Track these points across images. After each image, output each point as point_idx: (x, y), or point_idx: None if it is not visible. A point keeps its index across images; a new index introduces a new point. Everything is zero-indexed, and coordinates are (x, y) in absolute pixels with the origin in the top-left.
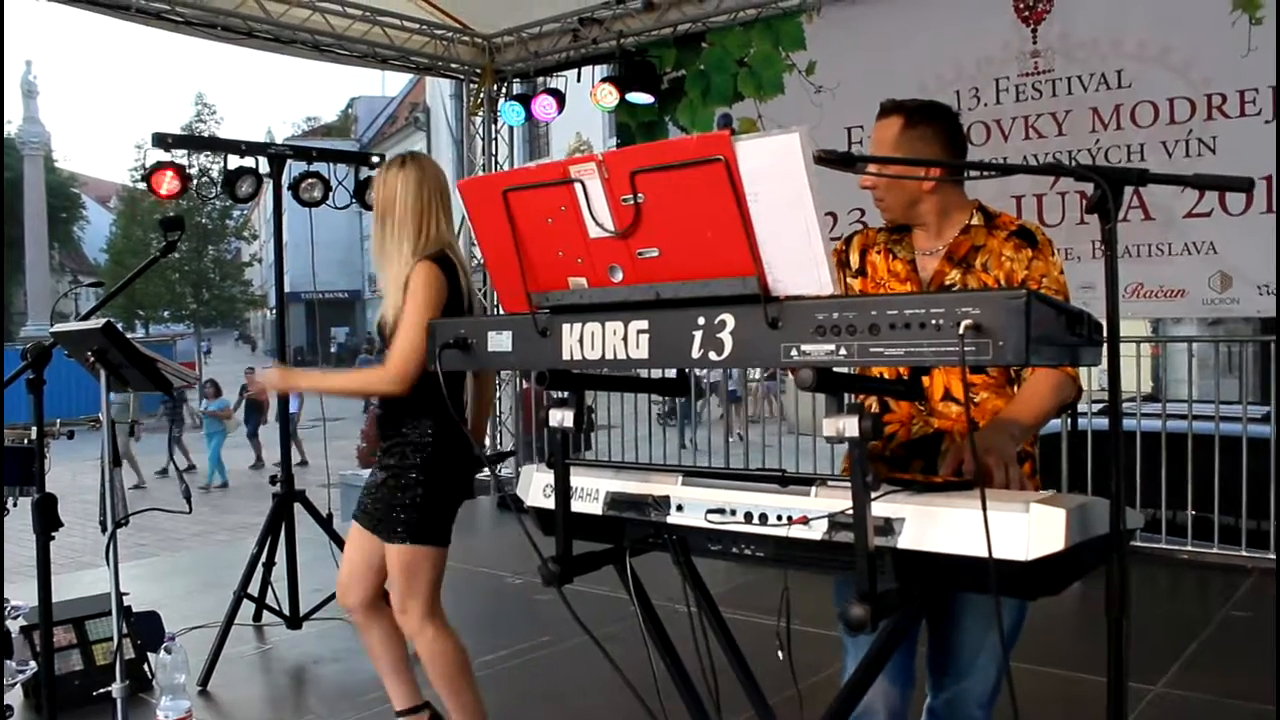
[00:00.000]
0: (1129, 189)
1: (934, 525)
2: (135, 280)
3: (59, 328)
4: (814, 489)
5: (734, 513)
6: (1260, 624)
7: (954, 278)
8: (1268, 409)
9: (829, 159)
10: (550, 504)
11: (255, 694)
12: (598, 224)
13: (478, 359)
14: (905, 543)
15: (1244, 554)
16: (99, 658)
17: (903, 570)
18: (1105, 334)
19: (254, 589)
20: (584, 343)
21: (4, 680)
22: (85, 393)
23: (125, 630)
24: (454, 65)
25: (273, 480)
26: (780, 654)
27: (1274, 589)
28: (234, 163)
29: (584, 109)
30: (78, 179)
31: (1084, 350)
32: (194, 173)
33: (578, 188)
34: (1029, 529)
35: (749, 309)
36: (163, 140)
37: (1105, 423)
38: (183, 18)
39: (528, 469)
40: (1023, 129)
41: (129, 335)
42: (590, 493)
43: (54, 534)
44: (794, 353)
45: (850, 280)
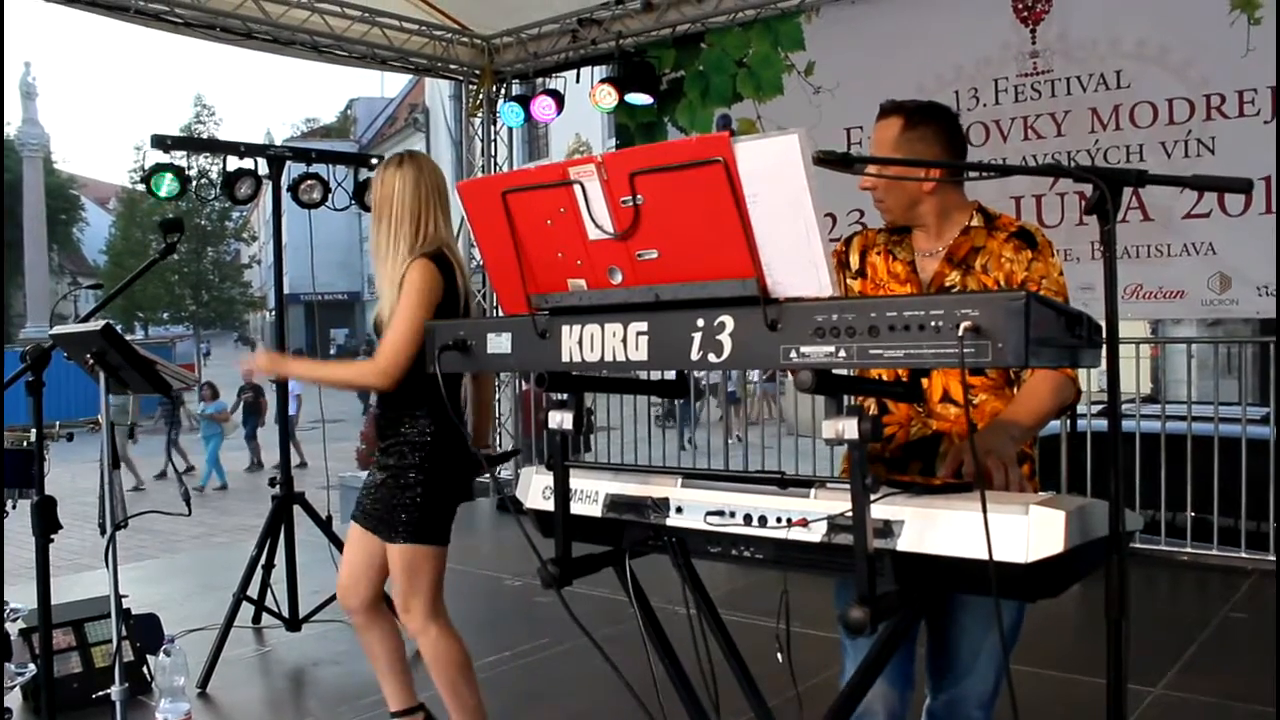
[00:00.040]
0: (1128, 190)
1: (933, 527)
2: (134, 282)
3: (58, 330)
4: (813, 491)
5: (733, 515)
6: (1260, 626)
7: (954, 279)
8: (1267, 410)
9: (828, 160)
10: (549, 506)
11: (254, 696)
12: (597, 226)
13: (477, 361)
14: (905, 545)
15: (1243, 555)
16: (98, 660)
17: (902, 572)
18: (1104, 335)
19: (253, 591)
20: (583, 344)
21: (3, 683)
22: (84, 395)
23: (124, 633)
24: (453, 66)
25: (272, 482)
26: (780, 656)
27: (1273, 590)
28: (233, 164)
29: (583, 110)
30: (77, 181)
31: (1083, 352)
32: (193, 174)
33: (577, 189)
34: (1028, 531)
35: (748, 311)
36: (162, 142)
37: (1104, 424)
38: (182, 19)
39: (527, 471)
40: (1022, 129)
41: (128, 337)
42: (589, 495)
43: (53, 536)
44: (793, 354)
45: (850, 281)
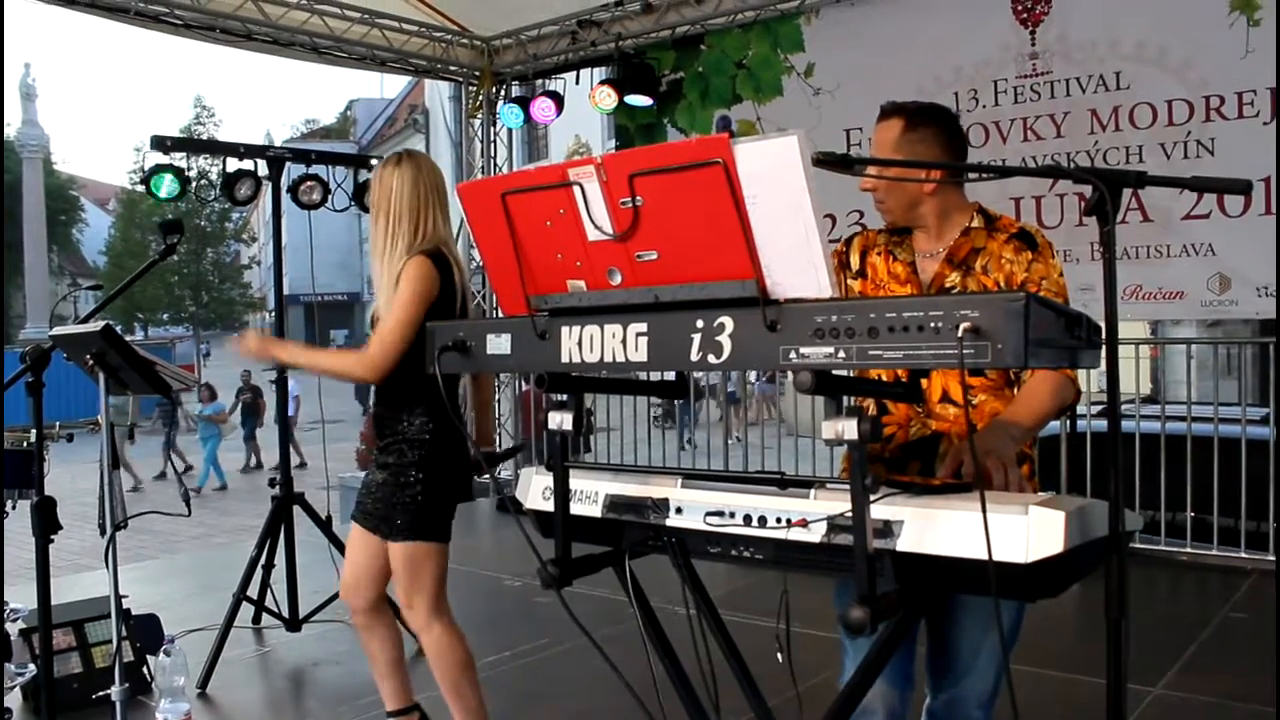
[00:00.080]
0: (1127, 191)
1: (933, 527)
2: (134, 283)
3: (58, 330)
4: (813, 491)
5: (733, 515)
6: (1259, 626)
7: (954, 280)
8: (1267, 410)
9: (827, 161)
10: (549, 507)
11: (254, 696)
12: (596, 227)
13: (477, 362)
14: (904, 545)
15: (1243, 556)
16: (98, 660)
17: (902, 572)
18: (1104, 336)
19: (253, 591)
20: (583, 345)
21: (3, 683)
22: (84, 396)
23: (124, 633)
24: (452, 68)
25: (272, 483)
26: (780, 656)
27: (1273, 590)
28: (233, 165)
29: (583, 111)
30: (76, 181)
31: (1083, 352)
32: (193, 175)
33: (576, 190)
34: (1028, 531)
35: (748, 312)
36: (161, 143)
37: (1104, 424)
38: (181, 20)
39: (526, 471)
40: (1021, 131)
41: (128, 338)
42: (589, 495)
43: (53, 537)
44: (793, 355)
45: (851, 282)
